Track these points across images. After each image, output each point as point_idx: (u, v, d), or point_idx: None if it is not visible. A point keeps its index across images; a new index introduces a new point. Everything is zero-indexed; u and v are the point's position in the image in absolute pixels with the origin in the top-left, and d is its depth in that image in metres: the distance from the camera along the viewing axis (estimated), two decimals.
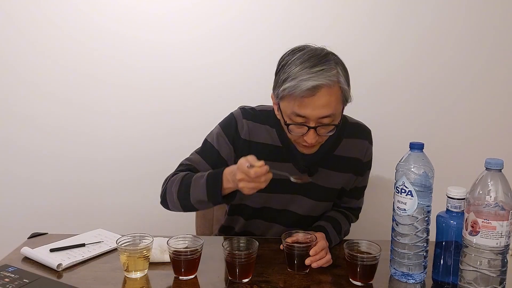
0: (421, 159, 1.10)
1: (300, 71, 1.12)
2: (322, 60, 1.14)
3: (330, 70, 1.13)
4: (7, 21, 1.81)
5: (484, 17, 1.74)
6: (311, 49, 1.18)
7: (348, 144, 1.35)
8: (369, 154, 1.40)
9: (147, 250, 1.14)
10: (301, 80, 1.11)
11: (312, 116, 1.14)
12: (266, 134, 1.32)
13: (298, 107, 1.14)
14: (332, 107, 1.14)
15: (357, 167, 1.38)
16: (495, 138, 1.81)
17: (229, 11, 1.77)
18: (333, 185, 1.37)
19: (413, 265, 1.12)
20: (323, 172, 1.34)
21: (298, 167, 1.32)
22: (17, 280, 1.08)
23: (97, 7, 1.79)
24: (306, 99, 1.12)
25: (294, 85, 1.12)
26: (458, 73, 1.79)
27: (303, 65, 1.13)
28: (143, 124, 1.88)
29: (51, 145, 1.89)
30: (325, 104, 1.13)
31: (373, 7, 1.75)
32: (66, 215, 1.93)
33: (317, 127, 1.16)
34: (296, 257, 1.15)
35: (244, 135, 1.31)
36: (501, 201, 0.95)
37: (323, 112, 1.14)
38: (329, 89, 1.13)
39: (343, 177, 1.37)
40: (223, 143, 1.32)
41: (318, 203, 1.38)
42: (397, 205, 1.12)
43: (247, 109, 1.35)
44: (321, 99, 1.12)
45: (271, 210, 1.37)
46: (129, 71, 1.84)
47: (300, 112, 1.14)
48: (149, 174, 1.91)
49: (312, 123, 1.16)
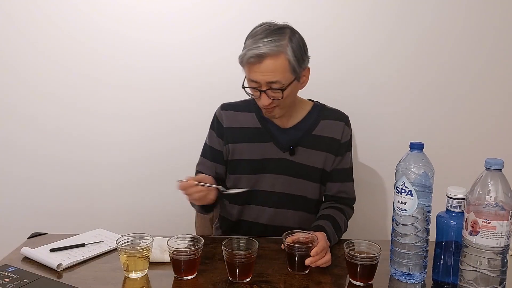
0: (421, 159, 1.10)
1: (251, 42, 1.29)
2: (274, 33, 1.29)
3: (278, 41, 1.27)
4: (7, 21, 1.81)
5: (484, 17, 1.74)
6: (268, 24, 1.32)
7: (325, 125, 1.46)
8: (346, 135, 1.48)
9: (147, 250, 1.14)
10: (249, 49, 1.27)
11: (262, 81, 1.29)
12: (247, 119, 1.47)
13: (249, 73, 1.31)
14: (278, 74, 1.28)
15: (334, 146, 1.46)
16: (495, 138, 1.81)
17: (229, 11, 1.77)
18: (313, 163, 1.45)
19: (413, 265, 1.12)
20: (302, 151, 1.45)
21: (278, 146, 1.44)
22: (17, 280, 1.08)
23: (97, 7, 1.79)
24: (254, 65, 1.28)
25: (244, 54, 1.29)
26: (458, 73, 1.79)
27: (255, 37, 1.29)
28: (143, 124, 1.88)
29: (51, 145, 1.89)
30: (271, 70, 1.28)
31: (373, 7, 1.75)
32: (66, 215, 1.93)
33: (266, 90, 1.30)
34: (297, 257, 1.16)
35: (226, 124, 1.47)
36: (501, 201, 0.95)
37: (269, 77, 1.28)
38: (273, 58, 1.27)
39: (322, 156, 1.45)
40: (213, 139, 1.49)
41: (303, 182, 1.45)
42: (397, 205, 1.12)
43: (226, 103, 1.51)
44: (267, 66, 1.27)
45: (261, 193, 1.46)
46: (129, 71, 1.84)
47: (251, 77, 1.31)
48: (149, 175, 1.91)
49: (264, 87, 1.30)
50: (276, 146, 1.44)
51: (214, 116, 1.50)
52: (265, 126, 1.46)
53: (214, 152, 1.49)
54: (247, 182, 1.45)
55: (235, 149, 1.46)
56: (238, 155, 1.46)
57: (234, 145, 1.46)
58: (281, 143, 1.44)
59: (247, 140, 1.45)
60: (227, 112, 1.48)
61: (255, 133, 1.45)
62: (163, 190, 1.90)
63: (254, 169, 1.45)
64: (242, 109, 1.48)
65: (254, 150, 1.45)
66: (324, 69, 1.80)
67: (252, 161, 1.45)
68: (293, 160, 1.44)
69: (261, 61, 1.27)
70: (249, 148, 1.45)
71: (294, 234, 1.21)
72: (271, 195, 1.46)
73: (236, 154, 1.46)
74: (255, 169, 1.45)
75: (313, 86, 1.78)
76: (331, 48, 1.79)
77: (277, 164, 1.44)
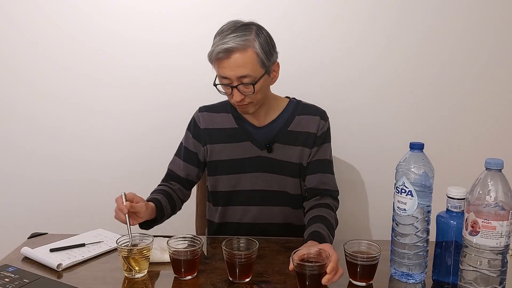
0: (421, 159, 1.10)
1: (218, 39, 1.30)
2: (240, 29, 1.30)
3: (244, 36, 1.29)
4: (7, 21, 1.81)
5: (484, 18, 1.74)
6: (235, 21, 1.34)
7: (300, 121, 1.46)
8: (322, 127, 1.47)
9: (147, 250, 1.14)
10: (217, 45, 1.28)
11: (232, 76, 1.29)
12: (223, 120, 1.48)
13: (218, 69, 1.32)
14: (247, 68, 1.29)
15: (310, 140, 1.46)
16: (495, 138, 1.81)
17: (229, 11, 1.77)
18: (291, 159, 1.46)
19: (413, 265, 1.12)
20: (280, 147, 1.45)
21: (255, 144, 1.45)
22: (17, 280, 1.08)
23: (97, 7, 1.79)
24: (222, 61, 1.28)
25: (212, 50, 1.30)
26: (459, 73, 1.79)
27: (222, 34, 1.30)
28: (143, 124, 1.88)
29: (51, 145, 1.89)
30: (240, 65, 1.28)
31: (373, 7, 1.75)
32: (66, 215, 1.93)
33: (238, 86, 1.30)
34: (308, 277, 1.05)
35: (202, 125, 1.48)
36: (501, 201, 0.95)
37: (239, 71, 1.28)
38: (241, 52, 1.28)
39: (297, 150, 1.46)
40: (189, 139, 1.50)
41: (283, 178, 1.46)
42: (397, 205, 1.12)
43: (205, 105, 1.53)
44: (235, 60, 1.28)
45: (243, 193, 1.47)
46: (129, 71, 1.84)
47: (221, 73, 1.31)
48: (149, 174, 1.90)
49: (235, 83, 1.30)
50: (253, 144, 1.45)
51: (192, 118, 1.52)
52: (241, 125, 1.46)
53: (188, 153, 1.49)
54: (227, 182, 1.47)
55: (213, 150, 1.47)
56: (216, 155, 1.47)
57: (212, 146, 1.47)
58: (258, 141, 1.45)
59: (224, 140, 1.46)
60: (204, 114, 1.49)
61: (231, 133, 1.46)
62: None
63: (233, 169, 1.46)
64: (219, 110, 1.49)
65: (232, 150, 1.45)
66: (324, 70, 1.81)
67: (230, 161, 1.46)
68: (271, 157, 1.45)
69: (229, 56, 1.27)
70: (227, 148, 1.46)
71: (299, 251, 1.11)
72: (253, 194, 1.47)
73: (215, 155, 1.47)
74: (234, 169, 1.46)
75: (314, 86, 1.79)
76: (331, 49, 1.79)
77: (255, 162, 1.45)
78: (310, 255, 1.11)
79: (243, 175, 1.46)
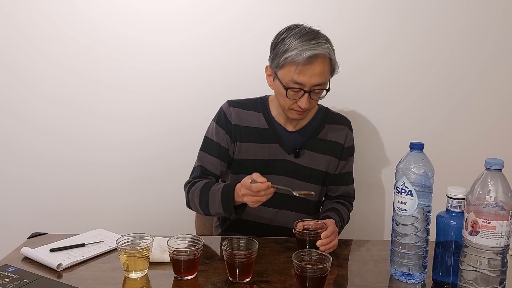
0: (421, 159, 1.10)
1: (300, 42, 1.27)
2: (316, 36, 1.30)
3: (324, 43, 1.30)
4: (7, 21, 1.81)
5: (484, 17, 1.74)
6: (305, 27, 1.34)
7: (330, 129, 1.50)
8: (349, 140, 1.53)
9: (147, 250, 1.14)
10: (302, 50, 1.26)
11: (308, 83, 1.29)
12: (254, 119, 1.47)
13: (297, 75, 1.28)
14: (325, 76, 1.31)
15: (338, 150, 1.50)
16: (495, 138, 1.81)
17: (228, 11, 1.77)
18: (318, 167, 1.48)
19: (413, 265, 1.12)
20: (307, 154, 1.47)
21: (284, 148, 1.45)
22: (17, 280, 1.08)
23: (97, 7, 1.79)
24: (305, 66, 1.27)
25: (296, 54, 1.26)
26: (459, 73, 1.79)
27: (302, 38, 1.28)
28: (142, 125, 1.88)
29: (51, 145, 1.89)
30: (320, 72, 1.29)
31: (373, 7, 1.75)
32: (66, 215, 1.93)
33: (310, 92, 1.31)
34: (307, 242, 1.23)
35: (234, 121, 1.46)
36: (501, 201, 0.95)
37: (317, 80, 1.29)
38: (323, 59, 1.29)
39: (326, 159, 1.48)
40: (220, 135, 1.46)
41: (306, 184, 1.47)
42: (397, 205, 1.12)
43: (234, 100, 1.50)
44: (317, 67, 1.28)
45: None
46: (129, 71, 1.83)
47: (298, 79, 1.29)
48: (149, 174, 1.91)
49: (307, 88, 1.30)
50: (282, 147, 1.45)
51: (221, 112, 1.48)
52: (272, 127, 1.46)
53: (219, 149, 1.46)
54: None
55: (241, 148, 1.46)
56: (244, 154, 1.46)
57: (241, 144, 1.45)
58: (287, 145, 1.46)
59: (253, 139, 1.45)
60: (235, 110, 1.46)
61: (262, 133, 1.45)
62: (163, 190, 1.90)
63: (258, 169, 1.39)
64: (249, 108, 1.48)
65: (260, 151, 1.45)
66: None
67: (257, 161, 1.45)
68: (298, 163, 1.46)
69: (313, 63, 1.27)
70: (255, 148, 1.45)
71: (304, 221, 1.29)
72: (272, 196, 1.45)
73: (242, 153, 1.46)
74: (259, 169, 1.39)
75: None
76: None
77: (281, 165, 1.45)
78: (310, 224, 1.28)
79: (266, 176, 1.39)
